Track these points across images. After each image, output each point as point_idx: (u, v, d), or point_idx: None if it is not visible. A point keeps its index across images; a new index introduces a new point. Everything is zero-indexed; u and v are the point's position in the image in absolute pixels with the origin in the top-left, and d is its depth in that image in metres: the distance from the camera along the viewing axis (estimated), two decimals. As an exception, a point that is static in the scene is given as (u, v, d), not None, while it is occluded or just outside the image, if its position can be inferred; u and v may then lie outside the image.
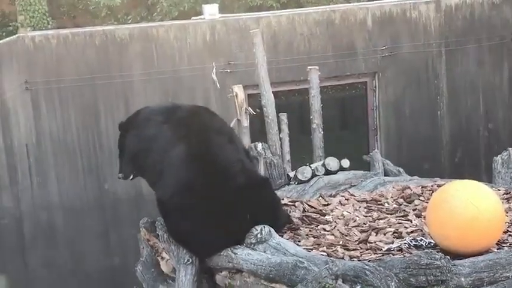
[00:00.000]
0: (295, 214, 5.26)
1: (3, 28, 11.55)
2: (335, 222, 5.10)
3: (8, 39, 8.68)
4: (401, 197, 5.60)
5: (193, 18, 9.42)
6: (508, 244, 4.46)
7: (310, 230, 4.96)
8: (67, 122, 8.60)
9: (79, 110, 8.63)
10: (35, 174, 8.52)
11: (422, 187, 5.76)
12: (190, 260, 4.65)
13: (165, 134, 4.75)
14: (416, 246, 4.51)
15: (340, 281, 3.81)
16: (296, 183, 6.30)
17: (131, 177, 5.05)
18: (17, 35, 8.78)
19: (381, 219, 5.12)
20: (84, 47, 8.58)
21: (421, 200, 5.48)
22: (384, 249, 4.49)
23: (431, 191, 5.59)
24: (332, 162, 6.35)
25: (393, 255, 4.38)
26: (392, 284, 3.84)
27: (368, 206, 5.46)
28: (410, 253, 4.34)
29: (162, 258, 5.11)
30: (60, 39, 8.54)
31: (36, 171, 8.52)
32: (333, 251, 4.48)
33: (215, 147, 4.67)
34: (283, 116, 7.13)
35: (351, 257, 4.38)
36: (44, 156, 8.54)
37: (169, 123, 4.80)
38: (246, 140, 6.80)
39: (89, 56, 8.59)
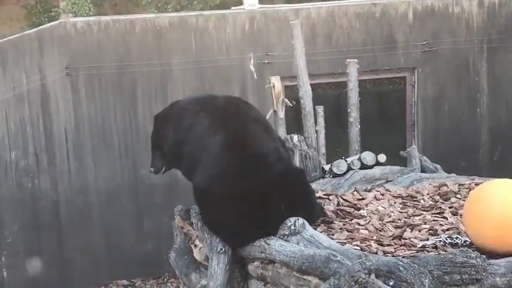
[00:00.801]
0: (330, 207, 5.24)
1: (45, 14, 11.69)
2: (369, 217, 5.06)
3: (50, 24, 8.80)
4: (437, 194, 5.54)
5: (232, 8, 9.42)
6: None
7: (344, 224, 4.93)
8: (105, 108, 8.69)
9: (118, 96, 8.71)
10: (72, 158, 8.64)
11: (459, 185, 5.69)
12: (223, 249, 4.65)
13: (201, 123, 4.77)
14: (451, 244, 4.45)
15: (373, 276, 3.77)
16: (331, 176, 6.26)
17: (162, 171, 5.08)
18: (58, 21, 8.88)
19: (416, 215, 5.07)
20: (125, 34, 8.65)
21: (457, 198, 5.41)
22: (418, 246, 4.44)
23: (468, 189, 5.51)
24: (368, 157, 6.30)
25: (428, 252, 4.33)
26: (426, 281, 3.79)
27: (403, 201, 5.41)
28: (446, 251, 4.28)
29: (195, 246, 5.13)
30: (101, 25, 8.62)
31: (73, 155, 8.63)
32: (366, 246, 4.44)
33: (252, 135, 4.66)
34: (320, 109, 7.09)
35: (385, 253, 4.35)
36: (81, 140, 8.64)
37: (206, 112, 4.81)
38: (281, 132, 6.79)
39: (129, 43, 8.66)
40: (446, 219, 4.95)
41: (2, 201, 8.48)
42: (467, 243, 4.41)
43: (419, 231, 4.71)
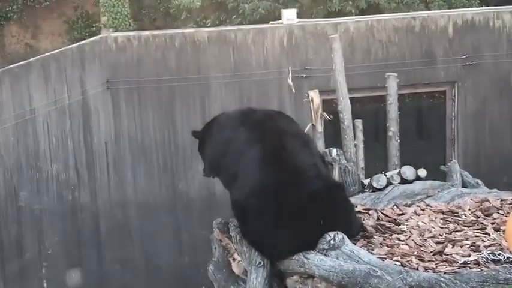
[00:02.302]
0: (369, 222, 5.19)
1: (86, 28, 11.91)
2: (410, 232, 4.99)
3: (91, 39, 8.96)
4: (479, 210, 5.45)
5: (271, 22, 9.47)
6: None
7: (384, 239, 4.87)
8: (145, 122, 8.79)
9: (156, 110, 8.81)
10: (112, 172, 8.75)
11: (501, 200, 5.59)
12: (262, 263, 4.63)
13: (240, 136, 4.80)
14: (494, 261, 4.36)
15: (414, 292, 3.73)
16: (370, 191, 6.21)
17: (212, 176, 5.15)
18: (99, 36, 9.04)
19: (458, 231, 4.99)
20: (164, 48, 8.77)
21: (500, 214, 5.31)
22: (460, 262, 4.36)
23: (511, 205, 5.41)
24: (408, 171, 6.24)
25: (470, 268, 4.25)
26: (469, 298, 3.73)
27: (444, 217, 5.33)
28: (488, 267, 4.20)
29: (234, 259, 5.12)
30: (141, 40, 8.75)
31: (113, 169, 8.74)
32: (407, 261, 4.38)
33: (291, 150, 4.67)
34: (359, 123, 7.07)
35: (426, 268, 4.28)
36: (121, 154, 8.75)
37: (245, 126, 4.84)
38: (319, 146, 6.78)
39: (168, 57, 8.77)
40: (489, 235, 4.87)
41: (43, 213, 8.62)
42: (510, 259, 4.33)
43: (461, 247, 4.64)
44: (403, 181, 6.21)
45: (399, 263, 4.35)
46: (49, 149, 8.59)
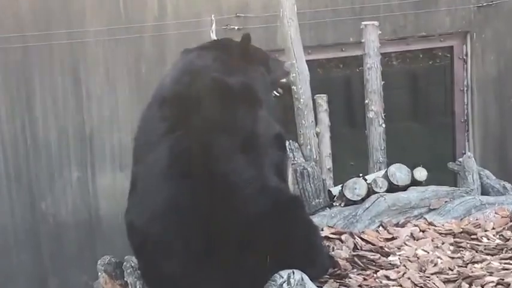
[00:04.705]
0: (342, 253, 5.26)
1: None
2: (404, 266, 5.09)
3: None
4: (508, 228, 5.58)
5: None
6: None
7: (365, 279, 4.95)
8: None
9: (2, 87, 8.70)
10: None
11: (542, 213, 5.76)
12: (177, 323, 4.66)
13: (150, 119, 4.83)
14: (532, 307, 4.48)
15: None
16: (343, 204, 6.29)
17: None
18: None
19: (477, 262, 5.10)
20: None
21: (540, 234, 5.47)
22: (481, 311, 4.47)
23: (556, 220, 5.57)
24: (400, 173, 6.34)
25: (496, 320, 4.36)
26: None
27: (456, 241, 5.45)
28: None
29: (133, 319, 5.12)
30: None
31: None
32: (401, 313, 4.47)
33: (218, 154, 4.66)
34: (322, 100, 7.13)
35: (430, 323, 4.37)
36: None
37: (160, 98, 4.87)
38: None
39: (21, 6, 8.65)
40: (524, 266, 5.00)
41: None
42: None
43: (483, 287, 4.74)
44: (393, 188, 6.29)
45: (389, 316, 4.43)
46: None
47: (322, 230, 5.51)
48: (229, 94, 4.90)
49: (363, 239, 5.48)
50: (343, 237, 5.51)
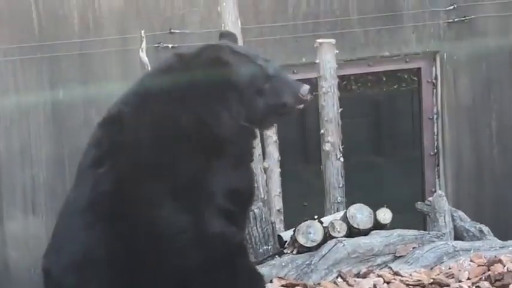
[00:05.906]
0: (294, 309, 5.29)
1: None
2: (367, 325, 5.15)
3: None
4: (486, 279, 5.64)
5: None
6: None
7: None
8: None
9: None
10: None
11: (523, 260, 5.83)
12: None
13: (91, 139, 4.84)
14: None
15: None
16: (295, 251, 6.32)
17: None
18: None
19: (451, 319, 5.17)
20: None
21: (522, 284, 5.54)
22: None
23: (539, 268, 5.66)
24: (360, 215, 6.39)
25: None
26: None
27: (427, 294, 5.51)
28: None
29: None
30: None
31: None
32: None
33: (144, 202, 4.67)
34: (271, 130, 7.17)
35: None
36: None
37: (102, 120, 4.87)
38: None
39: None
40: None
41: None
42: None
43: None
44: (353, 232, 6.35)
45: None
46: None
47: (271, 282, 5.52)
48: (175, 133, 4.77)
49: (319, 293, 5.52)
50: (296, 291, 5.55)
